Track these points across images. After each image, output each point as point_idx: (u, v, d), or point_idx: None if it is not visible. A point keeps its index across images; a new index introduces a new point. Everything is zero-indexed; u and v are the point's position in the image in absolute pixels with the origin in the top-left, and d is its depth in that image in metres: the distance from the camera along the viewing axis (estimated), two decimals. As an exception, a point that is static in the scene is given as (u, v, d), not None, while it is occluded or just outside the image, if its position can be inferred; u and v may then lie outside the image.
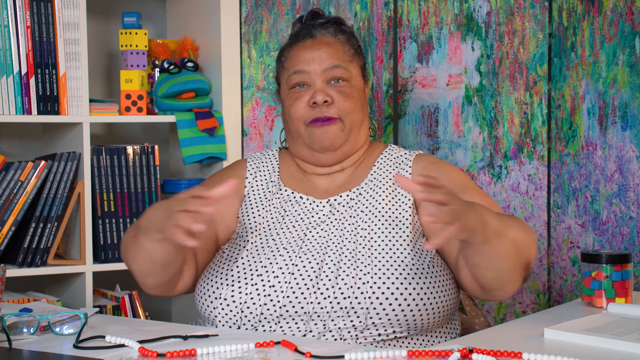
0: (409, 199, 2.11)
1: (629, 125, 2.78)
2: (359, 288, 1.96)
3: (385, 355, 1.67)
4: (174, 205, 1.79)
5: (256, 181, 2.21)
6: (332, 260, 2.01)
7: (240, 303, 1.99)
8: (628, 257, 2.14)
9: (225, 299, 2.01)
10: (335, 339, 1.95)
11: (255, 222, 2.12)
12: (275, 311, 1.98)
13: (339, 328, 1.95)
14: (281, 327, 1.98)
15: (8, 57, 2.64)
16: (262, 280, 2.00)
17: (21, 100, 2.66)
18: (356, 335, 1.95)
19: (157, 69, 2.94)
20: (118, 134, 3.15)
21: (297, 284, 1.99)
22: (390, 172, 2.17)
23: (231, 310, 2.00)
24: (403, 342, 2.00)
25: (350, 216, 2.09)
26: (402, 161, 2.19)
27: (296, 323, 1.97)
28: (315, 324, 1.96)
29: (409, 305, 1.96)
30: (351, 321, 1.95)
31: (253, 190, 2.19)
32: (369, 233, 2.05)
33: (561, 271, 2.98)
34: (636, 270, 2.76)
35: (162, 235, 1.87)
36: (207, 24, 2.94)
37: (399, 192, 2.13)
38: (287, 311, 1.97)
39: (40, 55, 2.68)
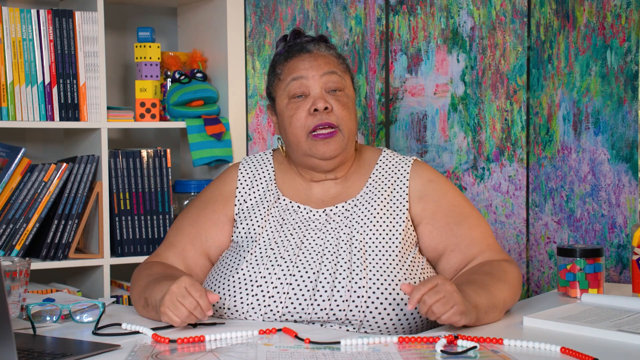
0: (404, 212, 2.07)
1: (600, 130, 2.78)
2: (353, 301, 1.92)
3: (377, 341, 1.68)
4: (184, 302, 1.81)
5: (252, 189, 2.14)
6: (327, 271, 1.96)
7: (242, 313, 1.95)
8: (600, 252, 2.15)
9: (229, 309, 1.96)
10: None
11: (254, 231, 2.06)
12: (275, 320, 1.93)
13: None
14: None
15: (33, 68, 2.64)
16: (262, 291, 1.95)
17: (45, 107, 2.65)
18: None
19: (169, 79, 2.94)
20: (133, 138, 3.15)
21: (295, 294, 1.94)
22: (386, 183, 2.11)
23: (234, 320, 1.96)
24: None
25: (346, 226, 2.04)
26: (399, 169, 2.13)
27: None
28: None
29: (398, 315, 1.92)
30: (346, 329, 1.92)
31: (250, 198, 2.13)
32: (363, 246, 2.00)
33: (539, 264, 2.98)
34: (607, 263, 2.76)
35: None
36: (215, 38, 2.93)
37: (393, 204, 2.08)
38: (286, 320, 1.93)
39: (62, 67, 2.68)
